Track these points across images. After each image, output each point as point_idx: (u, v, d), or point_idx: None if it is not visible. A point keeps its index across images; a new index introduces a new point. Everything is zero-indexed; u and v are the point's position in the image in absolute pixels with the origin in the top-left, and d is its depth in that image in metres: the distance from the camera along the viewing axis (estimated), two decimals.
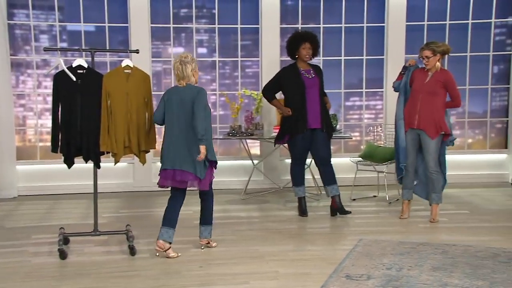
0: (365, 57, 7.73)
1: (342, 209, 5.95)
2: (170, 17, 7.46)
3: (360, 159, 6.92)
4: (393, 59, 7.52)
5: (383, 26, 7.66)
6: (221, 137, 7.03)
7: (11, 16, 7.21)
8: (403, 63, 7.20)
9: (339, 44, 7.69)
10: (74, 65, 4.77)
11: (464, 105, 7.87)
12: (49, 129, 5.12)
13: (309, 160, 6.26)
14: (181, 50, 7.67)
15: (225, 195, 6.84)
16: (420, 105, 5.61)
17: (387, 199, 6.69)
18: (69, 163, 4.87)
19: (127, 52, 5.42)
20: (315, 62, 6.36)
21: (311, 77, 5.96)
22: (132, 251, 4.72)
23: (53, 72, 4.98)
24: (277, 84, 6.07)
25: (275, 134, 6.43)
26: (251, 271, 4.34)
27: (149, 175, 7.41)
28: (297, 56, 6.00)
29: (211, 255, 4.73)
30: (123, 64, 4.84)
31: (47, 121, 7.24)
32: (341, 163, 7.33)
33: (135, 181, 7.43)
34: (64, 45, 7.33)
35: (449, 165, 7.47)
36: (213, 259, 4.64)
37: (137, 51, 5.13)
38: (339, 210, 5.96)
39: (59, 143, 4.80)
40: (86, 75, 4.76)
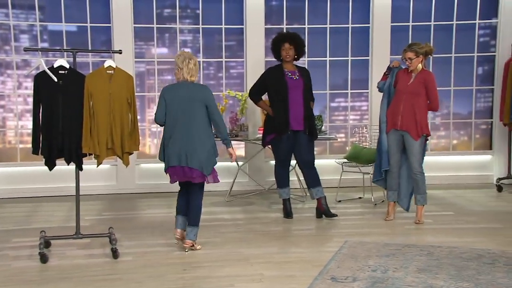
0: (350, 58, 7.77)
1: (328, 212, 5.97)
2: (153, 17, 7.44)
3: (345, 160, 6.95)
4: (378, 60, 7.57)
5: (368, 26, 7.70)
6: None
7: None
8: (388, 63, 7.23)
9: (324, 45, 7.72)
10: (55, 66, 4.73)
11: (448, 106, 7.94)
12: (30, 131, 5.08)
13: (294, 161, 6.26)
14: (164, 50, 7.65)
15: (210, 197, 6.83)
16: (403, 106, 5.65)
17: (373, 200, 6.73)
18: (51, 165, 4.83)
19: (109, 52, 5.38)
20: (300, 63, 6.37)
21: (295, 78, 5.96)
22: (114, 254, 4.69)
23: (34, 72, 4.94)
24: (262, 85, 6.08)
25: (260, 135, 6.45)
26: (236, 273, 4.34)
27: (133, 177, 7.38)
28: (281, 57, 6.02)
29: (196, 258, 4.72)
30: (106, 64, 4.81)
31: (28, 123, 7.18)
32: (326, 164, 7.36)
33: (118, 183, 7.39)
34: (45, 45, 7.27)
35: (434, 166, 7.61)
36: (197, 262, 4.63)
37: (120, 52, 5.11)
38: (325, 213, 5.98)
39: (40, 145, 4.76)
40: (67, 76, 4.73)
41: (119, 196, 7.25)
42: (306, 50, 6.23)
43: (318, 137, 6.19)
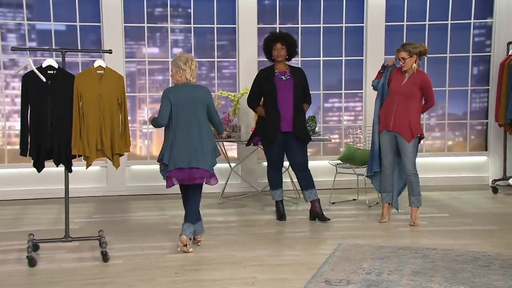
0: (344, 58, 7.78)
1: (321, 216, 5.96)
2: (144, 16, 7.42)
3: (339, 161, 6.96)
4: (373, 59, 7.59)
5: (362, 26, 7.72)
6: None
7: None
8: (382, 63, 7.27)
9: (318, 44, 7.73)
10: (44, 66, 4.71)
11: (443, 107, 7.97)
12: (18, 132, 5.06)
13: (287, 163, 6.27)
14: (155, 50, 7.64)
15: (202, 199, 6.79)
16: (396, 107, 5.67)
17: (367, 202, 6.74)
18: (39, 166, 4.81)
19: (99, 52, 5.38)
20: (293, 63, 6.37)
21: (285, 79, 5.94)
22: (105, 258, 4.68)
23: (22, 72, 4.92)
24: (258, 88, 6.05)
25: (252, 134, 6.44)
26: (228, 277, 4.34)
27: (123, 179, 7.37)
28: (273, 58, 6.01)
29: (187, 261, 4.72)
30: (96, 64, 4.80)
31: (16, 124, 7.16)
32: (320, 166, 7.37)
33: (109, 185, 7.37)
34: (33, 44, 7.24)
35: (429, 168, 7.64)
36: (189, 264, 4.63)
37: (110, 51, 5.09)
38: (318, 216, 5.97)
39: (28, 146, 4.75)
40: (56, 76, 4.71)
41: (109, 198, 7.23)
42: (298, 50, 6.23)
43: (311, 139, 6.16)
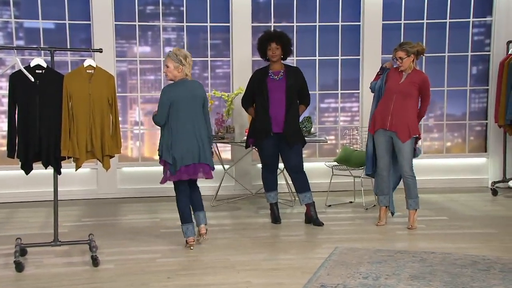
0: (340, 57, 7.79)
1: (316, 220, 5.96)
2: (135, 14, 7.41)
3: (335, 163, 6.97)
4: (369, 59, 7.61)
5: (359, 25, 7.73)
6: None
7: None
8: (379, 63, 7.28)
9: (313, 43, 7.74)
10: (32, 65, 4.71)
11: (442, 107, 8.00)
12: (5, 133, 5.04)
13: (281, 164, 6.27)
14: (147, 49, 7.63)
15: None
16: (393, 106, 5.68)
17: (364, 205, 6.75)
18: (27, 169, 4.80)
19: (89, 51, 5.37)
20: (288, 63, 6.37)
21: (277, 79, 5.93)
22: (95, 262, 4.67)
23: (9, 72, 4.92)
24: (251, 90, 6.05)
25: (246, 136, 6.45)
26: (222, 281, 4.34)
27: (114, 181, 7.35)
28: (268, 57, 6.01)
29: (180, 265, 4.72)
30: (85, 64, 4.80)
31: (3, 124, 7.13)
32: (316, 167, 7.38)
33: (99, 188, 7.36)
34: (20, 43, 7.22)
35: (427, 169, 7.66)
36: (182, 269, 4.62)
37: (100, 50, 5.09)
38: (313, 220, 5.97)
39: (16, 148, 4.73)
40: (45, 76, 4.70)
41: (100, 201, 7.22)
42: (293, 49, 6.22)
43: (305, 141, 6.13)
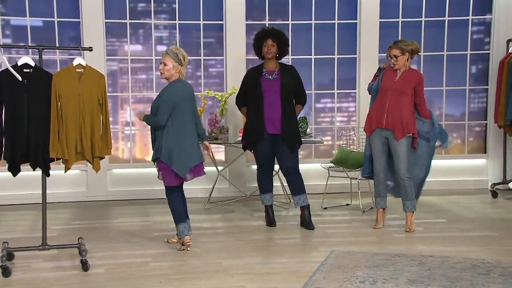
0: (336, 56, 7.80)
1: (308, 223, 5.96)
2: (126, 12, 7.41)
3: (331, 164, 6.98)
4: (366, 58, 7.62)
5: (356, 23, 7.74)
6: None
7: None
8: (376, 62, 7.30)
9: (309, 42, 7.75)
10: (19, 64, 4.69)
11: (441, 107, 8.01)
12: None
13: (277, 166, 6.28)
14: (138, 48, 7.63)
15: (187, 205, 6.81)
16: (388, 104, 5.70)
17: (361, 207, 6.76)
18: (15, 170, 4.78)
19: (79, 49, 5.36)
20: (283, 62, 6.37)
21: (272, 78, 5.92)
22: (84, 267, 4.66)
23: None
24: (244, 89, 6.05)
25: (241, 138, 6.44)
26: (215, 286, 4.33)
27: (104, 183, 7.34)
28: (263, 55, 6.00)
29: (172, 270, 4.71)
30: (75, 62, 4.79)
31: None
32: (311, 169, 7.38)
33: (89, 190, 7.34)
34: (7, 41, 7.20)
35: None
36: (174, 273, 4.62)
37: (90, 49, 5.08)
38: (305, 223, 5.97)
39: (3, 149, 4.72)
40: (33, 75, 4.69)
41: (90, 203, 7.20)
42: (289, 48, 6.21)
43: (302, 142, 6.12)
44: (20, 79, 4.64)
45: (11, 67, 4.66)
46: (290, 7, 7.66)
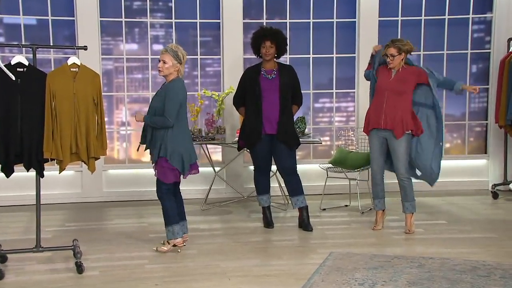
0: (335, 55, 7.81)
1: (307, 225, 5.96)
2: (121, 10, 7.40)
3: (330, 165, 6.98)
4: (365, 57, 7.55)
5: (354, 21, 7.75)
6: None
7: None
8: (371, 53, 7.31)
9: (307, 41, 7.75)
10: (13, 63, 4.68)
11: (441, 107, 7.98)
12: None
13: (275, 167, 6.27)
14: (134, 47, 7.62)
15: (184, 206, 6.81)
16: (386, 104, 5.70)
17: (360, 208, 6.76)
18: (8, 171, 4.77)
19: (73, 48, 5.35)
20: (282, 61, 6.36)
21: (270, 78, 5.92)
22: (79, 269, 4.65)
23: None
24: (242, 89, 6.05)
25: (238, 138, 6.44)
26: None
27: (99, 184, 7.33)
28: (261, 55, 5.99)
29: (168, 272, 4.71)
30: (70, 61, 4.78)
31: None
32: (310, 169, 7.39)
33: (84, 191, 7.33)
34: (0, 39, 7.19)
35: None
36: (170, 275, 4.61)
37: (85, 48, 5.07)
38: (303, 225, 5.97)
39: None
40: (27, 74, 4.69)
41: (85, 205, 7.20)
42: (287, 47, 6.21)
43: (300, 142, 6.11)
44: (13, 78, 4.63)
45: (4, 66, 4.65)
46: (288, 6, 7.66)
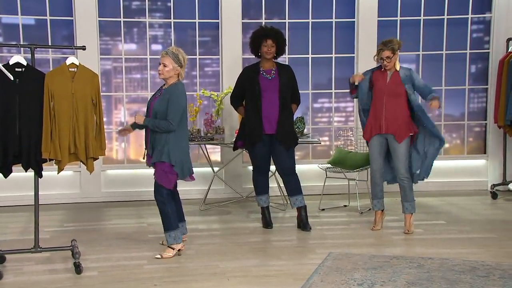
0: (334, 55, 7.81)
1: (305, 225, 5.96)
2: (120, 10, 7.40)
3: (329, 165, 6.98)
4: (364, 57, 7.61)
5: (353, 21, 7.75)
6: None
7: None
8: (374, 61, 7.29)
9: (306, 41, 7.75)
10: (11, 63, 4.68)
11: (440, 107, 8.01)
12: None
13: (273, 167, 6.28)
14: (133, 47, 7.63)
15: (183, 206, 6.81)
16: (385, 108, 5.69)
17: (359, 209, 6.76)
18: (6, 172, 4.77)
19: (72, 48, 5.36)
20: (280, 61, 6.37)
21: (270, 78, 5.93)
22: (78, 269, 4.65)
23: None
24: (240, 88, 6.05)
25: (236, 138, 6.44)
26: None
27: (98, 185, 7.33)
28: (260, 54, 6.00)
29: (167, 272, 4.71)
30: (68, 61, 4.78)
31: None
32: (309, 170, 7.39)
33: (82, 191, 7.33)
34: None
35: None
36: (169, 276, 4.61)
37: (83, 48, 5.07)
38: (302, 225, 5.98)
39: None
40: (25, 74, 4.69)
41: (83, 205, 7.20)
42: (286, 47, 6.21)
43: (298, 142, 6.12)
44: (12, 78, 4.64)
45: (3, 66, 4.65)
46: (287, 5, 7.67)
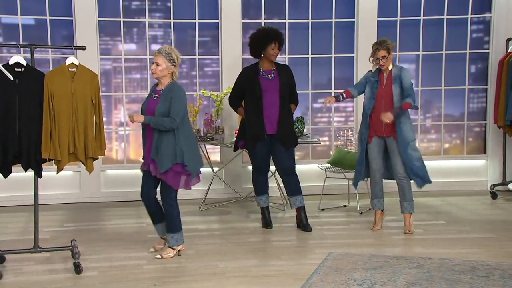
0: (333, 55, 7.81)
1: (305, 225, 5.97)
2: (120, 10, 7.40)
3: (329, 165, 6.99)
4: (364, 57, 7.57)
5: (353, 21, 7.76)
6: None
7: None
8: (370, 62, 7.31)
9: (306, 41, 7.75)
10: (11, 63, 4.68)
11: (440, 107, 8.03)
12: None
13: (273, 167, 6.28)
14: (132, 47, 7.63)
15: (182, 206, 6.77)
16: (384, 112, 5.67)
17: (358, 209, 6.77)
18: (6, 172, 4.78)
19: (72, 48, 5.36)
20: (280, 61, 6.37)
21: (270, 78, 5.92)
22: (77, 269, 4.66)
23: None
24: (239, 89, 6.04)
25: (236, 138, 6.44)
26: None
27: (98, 185, 7.33)
28: (263, 55, 5.96)
29: (167, 272, 4.71)
30: (68, 62, 4.78)
31: None
32: (309, 170, 7.39)
33: (82, 191, 7.33)
34: None
35: None
36: (169, 276, 4.62)
37: (83, 48, 5.07)
38: (303, 225, 5.98)
39: None
40: (25, 74, 4.69)
41: (83, 205, 7.20)
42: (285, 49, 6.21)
43: (298, 142, 6.12)
44: (11, 78, 4.64)
45: (2, 66, 4.65)
46: (286, 6, 7.67)
